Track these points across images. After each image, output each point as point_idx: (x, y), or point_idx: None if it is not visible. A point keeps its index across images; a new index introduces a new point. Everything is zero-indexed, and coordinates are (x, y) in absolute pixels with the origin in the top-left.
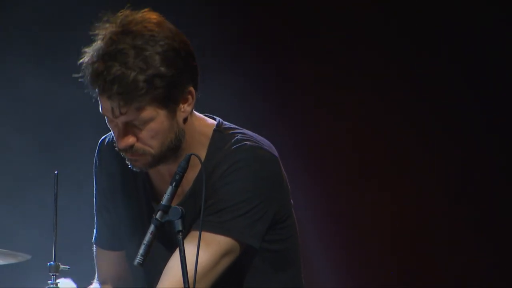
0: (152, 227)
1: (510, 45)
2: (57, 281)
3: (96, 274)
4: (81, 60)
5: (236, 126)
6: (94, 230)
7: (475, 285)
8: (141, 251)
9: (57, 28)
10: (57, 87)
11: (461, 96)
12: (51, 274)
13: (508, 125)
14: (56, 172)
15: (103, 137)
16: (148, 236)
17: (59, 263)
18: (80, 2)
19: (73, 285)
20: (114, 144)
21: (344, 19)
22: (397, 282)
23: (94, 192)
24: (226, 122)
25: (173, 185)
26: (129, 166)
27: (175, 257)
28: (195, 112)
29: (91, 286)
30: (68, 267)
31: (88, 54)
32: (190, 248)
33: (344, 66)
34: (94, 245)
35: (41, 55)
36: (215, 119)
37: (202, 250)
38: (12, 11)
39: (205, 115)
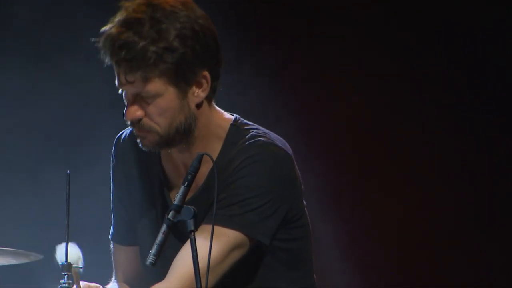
0: (164, 227)
1: (510, 45)
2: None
3: (114, 272)
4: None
5: (253, 123)
6: (111, 227)
7: (475, 285)
8: (153, 250)
9: (67, 28)
10: (66, 88)
11: (462, 96)
12: (63, 273)
13: (508, 125)
14: (68, 172)
15: (119, 134)
16: (160, 236)
17: (72, 262)
18: (81, 3)
19: (78, 250)
20: (130, 135)
21: (344, 19)
22: (397, 282)
23: (111, 188)
24: (243, 119)
25: (185, 185)
26: (140, 145)
27: (184, 250)
28: (215, 105)
29: (108, 286)
30: (81, 266)
31: (110, 22)
32: (199, 242)
33: (344, 66)
34: (111, 242)
35: (42, 55)
36: (233, 115)
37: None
38: (19, 11)
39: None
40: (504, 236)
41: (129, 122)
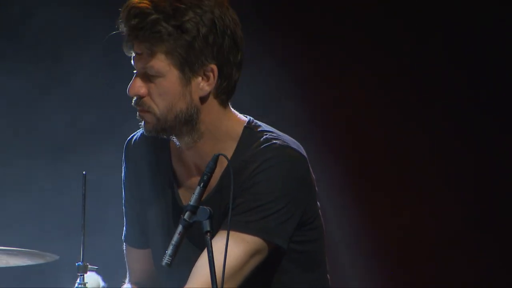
0: (180, 228)
1: (510, 45)
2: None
3: (127, 273)
4: None
5: (266, 126)
6: (124, 228)
7: (475, 285)
8: (169, 251)
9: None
10: (66, 88)
11: (462, 96)
12: (79, 274)
13: (508, 125)
14: (84, 172)
15: (129, 137)
16: (176, 237)
17: (87, 263)
18: (81, 3)
19: (101, 282)
20: (140, 137)
21: (344, 19)
22: (397, 282)
23: (123, 190)
24: (257, 121)
25: (201, 186)
26: (141, 129)
27: (203, 257)
28: (230, 107)
29: (123, 287)
30: (96, 267)
31: None
32: (218, 249)
33: (344, 66)
34: (124, 243)
35: (42, 55)
36: (247, 117)
37: (231, 250)
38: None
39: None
40: (504, 236)
41: (133, 101)
